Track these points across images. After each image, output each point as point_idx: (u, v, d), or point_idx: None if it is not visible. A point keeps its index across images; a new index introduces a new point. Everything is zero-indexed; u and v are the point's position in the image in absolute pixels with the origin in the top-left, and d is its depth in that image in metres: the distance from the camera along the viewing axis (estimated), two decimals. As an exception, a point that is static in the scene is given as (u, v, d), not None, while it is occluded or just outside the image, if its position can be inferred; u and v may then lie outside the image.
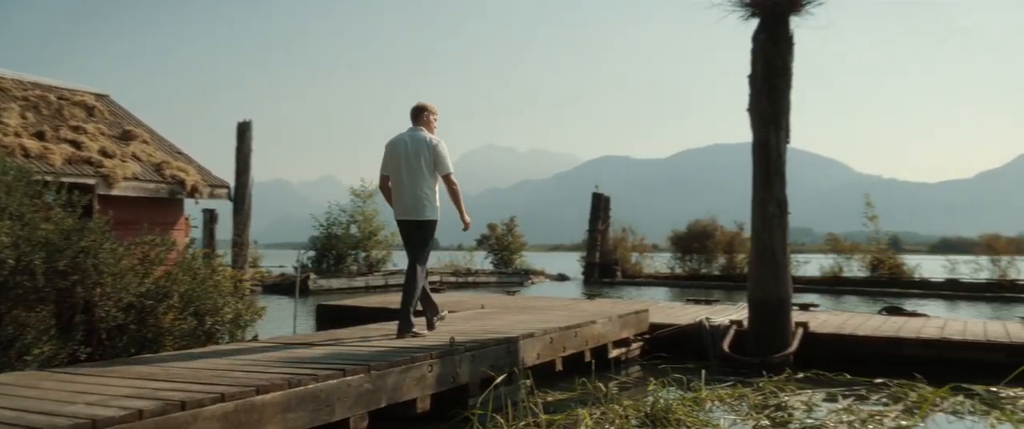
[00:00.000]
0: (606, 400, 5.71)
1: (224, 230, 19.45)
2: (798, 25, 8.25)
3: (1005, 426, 5.53)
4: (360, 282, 22.52)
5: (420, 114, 6.57)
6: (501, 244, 31.27)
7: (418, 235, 6.45)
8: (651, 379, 6.70)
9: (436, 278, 25.61)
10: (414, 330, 6.33)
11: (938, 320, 9.62)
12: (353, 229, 24.89)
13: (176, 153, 11.05)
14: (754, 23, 8.33)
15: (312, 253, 24.47)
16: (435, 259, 33.28)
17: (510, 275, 28.83)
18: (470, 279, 26.76)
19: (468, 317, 8.09)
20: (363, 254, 24.84)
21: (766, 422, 5.49)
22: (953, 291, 21.14)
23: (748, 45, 8.36)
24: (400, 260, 27.88)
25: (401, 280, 23.90)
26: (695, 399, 5.95)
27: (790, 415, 5.77)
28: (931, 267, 23.41)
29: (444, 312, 7.21)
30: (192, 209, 11.22)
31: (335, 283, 21.91)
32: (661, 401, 5.50)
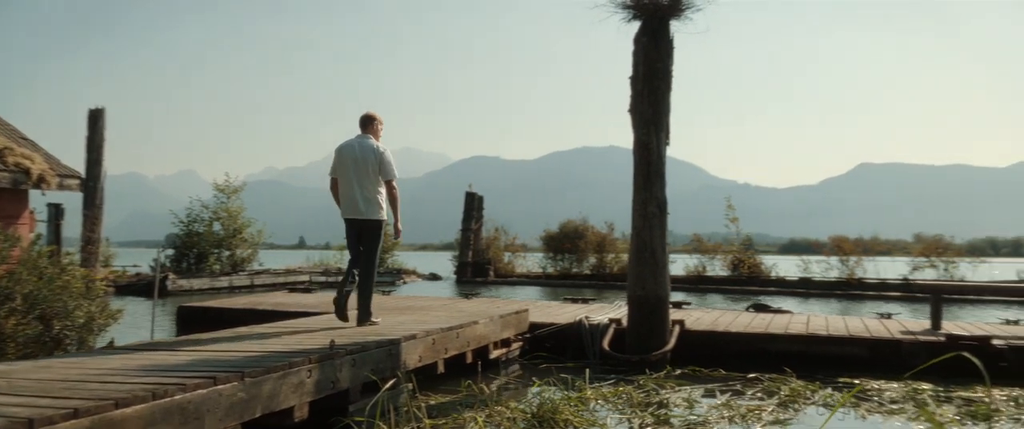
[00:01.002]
0: (491, 402, 5.60)
1: (71, 227, 18.06)
2: (678, 29, 8.42)
3: (875, 417, 5.80)
4: (224, 282, 21.51)
5: (369, 123, 7.17)
6: (373, 243, 30.65)
7: (367, 234, 7.07)
8: (534, 379, 6.65)
9: (305, 278, 24.79)
10: (373, 319, 7.12)
11: (802, 316, 10.08)
12: (216, 226, 23.75)
13: (20, 139, 10.08)
14: (635, 25, 8.44)
15: (171, 251, 23.14)
16: (304, 257, 32.36)
17: (382, 275, 28.30)
18: (341, 278, 26.08)
19: (345, 318, 7.74)
20: (227, 253, 23.75)
21: (650, 419, 5.52)
22: (806, 289, 22.46)
23: (619, 51, 8.48)
24: (267, 259, 26.91)
25: (268, 280, 22.81)
26: (580, 398, 5.93)
27: (672, 412, 5.84)
28: (785, 267, 24.77)
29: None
30: (37, 202, 10.27)
31: (197, 283, 20.79)
32: (548, 402, 5.44)
